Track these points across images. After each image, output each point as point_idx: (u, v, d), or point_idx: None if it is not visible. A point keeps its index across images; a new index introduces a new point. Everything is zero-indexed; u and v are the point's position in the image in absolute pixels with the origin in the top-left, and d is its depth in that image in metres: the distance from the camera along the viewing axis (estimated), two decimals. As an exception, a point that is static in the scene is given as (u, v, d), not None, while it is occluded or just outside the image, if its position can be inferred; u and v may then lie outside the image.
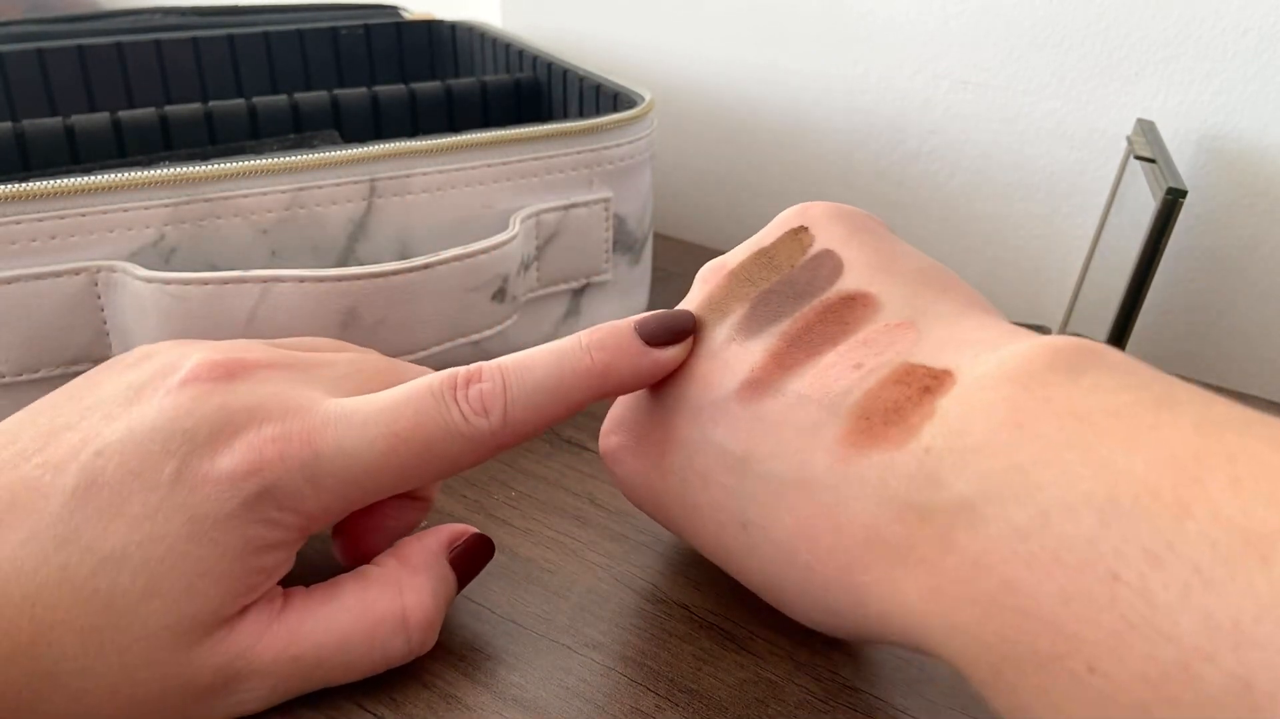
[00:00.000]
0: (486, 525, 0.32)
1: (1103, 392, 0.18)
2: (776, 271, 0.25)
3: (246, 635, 0.22)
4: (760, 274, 0.25)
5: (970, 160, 0.47)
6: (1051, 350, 0.19)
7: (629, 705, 0.25)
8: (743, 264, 0.26)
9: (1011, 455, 0.17)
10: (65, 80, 0.47)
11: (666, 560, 0.30)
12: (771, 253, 0.26)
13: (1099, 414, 0.17)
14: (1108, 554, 0.15)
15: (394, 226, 0.36)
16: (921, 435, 0.19)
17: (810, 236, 0.26)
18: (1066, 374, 0.18)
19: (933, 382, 0.20)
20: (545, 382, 0.24)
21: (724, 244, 0.57)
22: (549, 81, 0.47)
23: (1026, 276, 0.47)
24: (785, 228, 0.26)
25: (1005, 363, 0.19)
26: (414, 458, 0.23)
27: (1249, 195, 0.40)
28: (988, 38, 0.45)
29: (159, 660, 0.21)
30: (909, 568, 0.19)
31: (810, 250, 0.25)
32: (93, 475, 0.21)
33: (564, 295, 0.40)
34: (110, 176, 0.31)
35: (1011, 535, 0.17)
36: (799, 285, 0.25)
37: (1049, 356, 0.19)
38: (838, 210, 0.26)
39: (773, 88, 0.53)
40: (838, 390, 0.22)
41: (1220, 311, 0.42)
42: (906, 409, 0.20)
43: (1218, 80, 0.39)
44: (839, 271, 0.24)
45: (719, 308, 0.25)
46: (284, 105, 0.42)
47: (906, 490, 0.19)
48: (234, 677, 0.22)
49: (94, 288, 0.32)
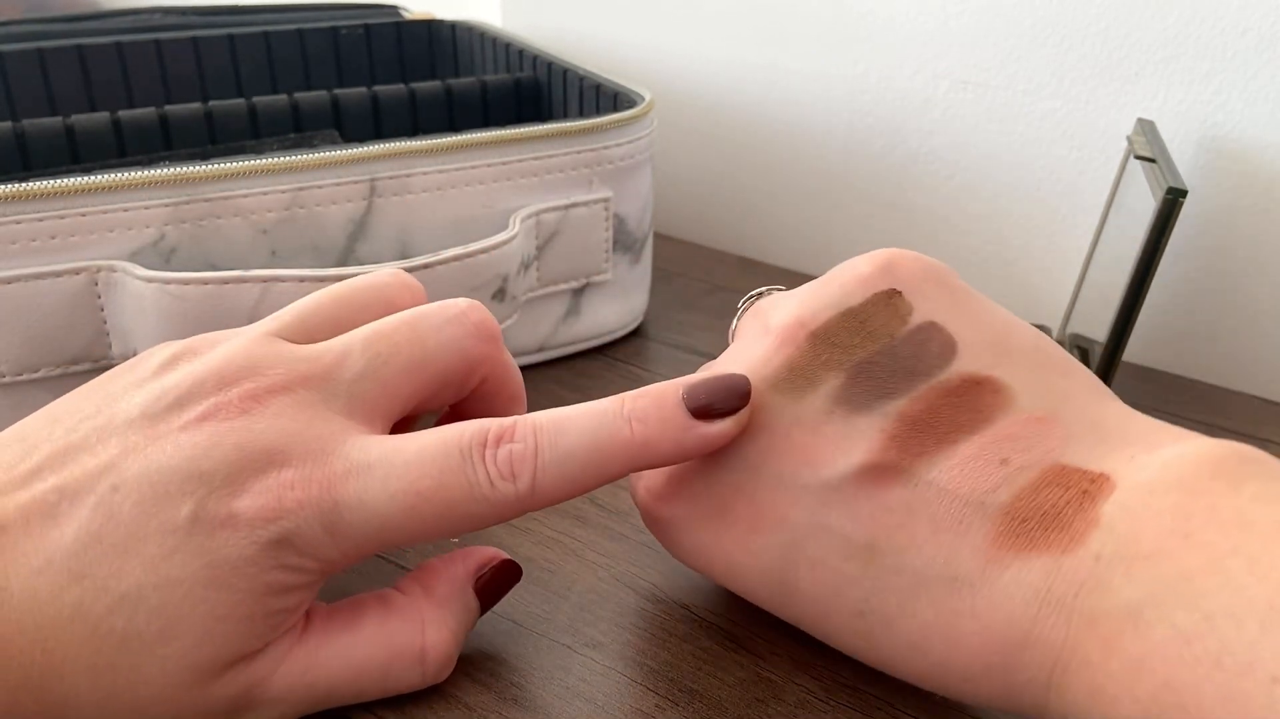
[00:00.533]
0: (486, 525, 0.32)
1: (1265, 501, 0.19)
2: (873, 340, 0.23)
3: (264, 666, 0.22)
4: (852, 340, 0.24)
5: (970, 160, 0.47)
6: (1214, 459, 0.20)
7: (629, 705, 0.25)
8: (829, 326, 0.24)
9: (1179, 563, 0.18)
10: (65, 80, 0.47)
11: (666, 560, 0.30)
12: (863, 316, 0.24)
13: (1264, 523, 0.18)
14: (1267, 659, 0.16)
15: (394, 226, 0.36)
16: (1090, 543, 0.20)
17: (907, 304, 0.24)
18: (1229, 483, 0.19)
19: (1091, 486, 0.21)
20: (578, 450, 0.22)
21: (724, 244, 0.57)
22: (549, 81, 0.47)
23: (1026, 276, 0.47)
24: (872, 287, 0.24)
25: (1170, 469, 0.20)
26: (434, 517, 0.22)
27: (1249, 195, 0.40)
28: (988, 38, 0.45)
29: (174, 697, 0.21)
30: (1071, 670, 0.19)
31: (911, 321, 0.24)
32: (109, 511, 0.21)
33: (564, 295, 0.40)
34: (110, 176, 0.31)
35: (1176, 639, 0.17)
36: (906, 360, 0.23)
37: (1213, 465, 0.20)
38: (928, 270, 0.25)
39: (773, 87, 0.53)
40: (985, 487, 0.21)
41: (1220, 311, 0.42)
42: (1068, 514, 0.20)
43: (1218, 80, 0.39)
44: (952, 350, 0.23)
45: (806, 375, 0.24)
46: (284, 105, 0.42)
47: (1074, 597, 0.19)
48: (248, 704, 0.22)
49: (94, 287, 0.32)
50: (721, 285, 0.50)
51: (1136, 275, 0.33)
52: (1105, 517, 0.20)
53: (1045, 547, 0.20)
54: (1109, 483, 0.20)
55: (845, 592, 0.23)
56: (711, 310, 0.47)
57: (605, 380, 0.40)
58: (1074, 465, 0.21)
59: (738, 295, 0.48)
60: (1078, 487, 0.21)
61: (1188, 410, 0.40)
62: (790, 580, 0.24)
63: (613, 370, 0.41)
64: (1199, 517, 0.19)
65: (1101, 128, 0.43)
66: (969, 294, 0.25)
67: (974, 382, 0.23)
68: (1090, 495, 0.20)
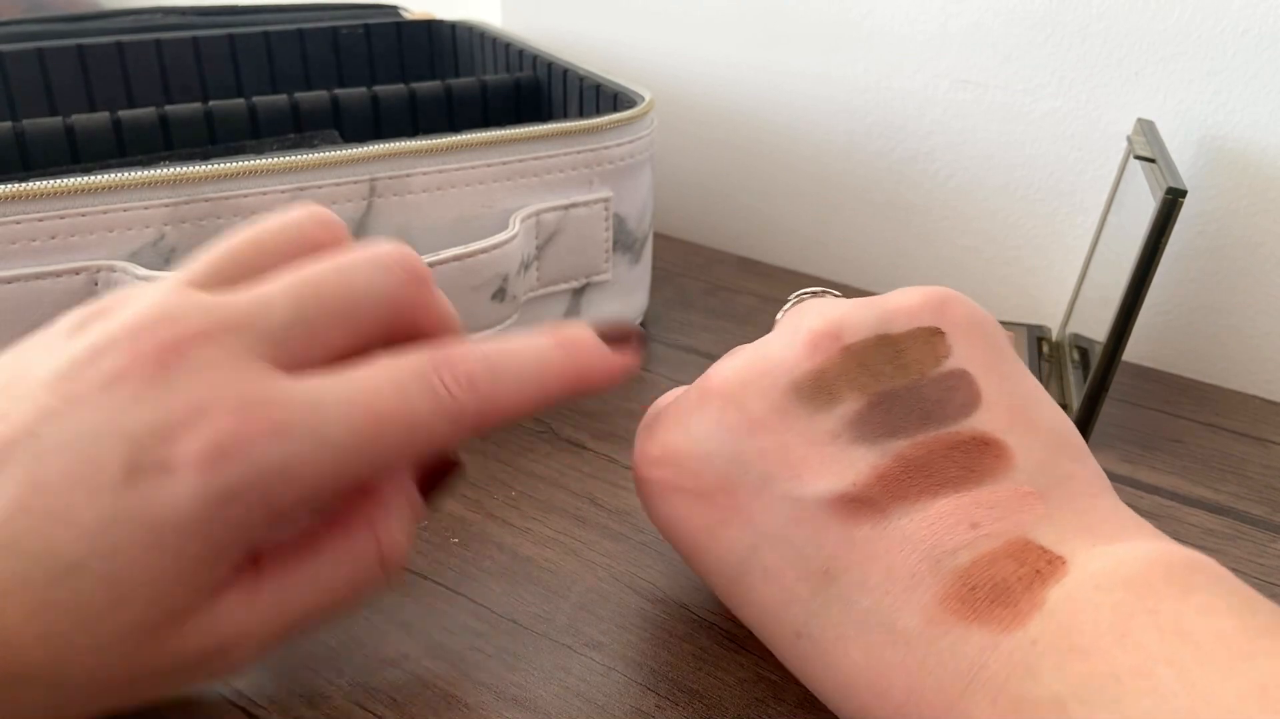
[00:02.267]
0: (486, 525, 0.32)
1: (1209, 614, 0.18)
2: (903, 373, 0.23)
3: (227, 615, 0.21)
4: (883, 367, 0.23)
5: (970, 160, 0.47)
6: (1169, 562, 0.20)
7: (629, 705, 0.25)
8: (863, 346, 0.23)
9: (1110, 662, 0.18)
10: (65, 80, 0.47)
11: (666, 560, 0.30)
12: (899, 346, 0.23)
13: (1202, 635, 0.18)
14: None
15: (394, 226, 0.36)
16: (1029, 627, 0.19)
17: (947, 346, 0.23)
18: (1179, 589, 0.19)
19: (1046, 566, 0.20)
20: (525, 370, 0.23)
21: (724, 244, 0.57)
22: (549, 81, 0.47)
23: (1026, 276, 0.47)
24: (917, 319, 0.24)
25: (1122, 566, 0.20)
26: (397, 440, 0.22)
27: (1249, 195, 0.40)
28: (987, 37, 0.45)
29: (136, 653, 0.20)
30: None
31: (945, 364, 0.23)
32: (34, 479, 0.20)
33: (564, 295, 0.40)
34: (110, 176, 0.31)
35: None
36: (927, 403, 0.23)
37: (1165, 569, 0.19)
38: (978, 321, 0.24)
39: (773, 87, 0.53)
40: (947, 547, 0.21)
41: (1220, 311, 0.42)
42: (1017, 592, 0.20)
43: (1218, 80, 0.39)
44: (974, 404, 0.23)
45: (828, 388, 0.23)
46: (284, 105, 0.42)
47: (1005, 677, 0.19)
48: (219, 650, 0.22)
49: (94, 288, 0.32)
50: (721, 285, 0.50)
51: (1136, 275, 0.33)
52: (1050, 601, 0.20)
53: (988, 620, 0.20)
54: (1064, 567, 0.20)
55: (790, 609, 0.23)
56: (711, 310, 0.47)
57: (605, 380, 0.40)
58: (1037, 543, 0.21)
59: (738, 295, 0.48)
60: (1032, 565, 0.20)
61: (1188, 410, 0.40)
62: (744, 582, 0.24)
63: (613, 370, 0.41)
64: (1139, 618, 0.18)
65: (1101, 128, 0.43)
66: (1010, 355, 0.24)
67: (983, 441, 0.22)
68: (1042, 576, 0.20)
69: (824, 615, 0.22)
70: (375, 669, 0.26)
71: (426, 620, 0.28)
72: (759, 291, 0.49)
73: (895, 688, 0.21)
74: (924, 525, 0.21)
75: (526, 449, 0.36)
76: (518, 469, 0.35)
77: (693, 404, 0.25)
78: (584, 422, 0.37)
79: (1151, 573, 0.19)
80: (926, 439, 0.22)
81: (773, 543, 0.23)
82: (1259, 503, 0.34)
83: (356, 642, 0.27)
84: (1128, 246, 0.34)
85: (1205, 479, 0.35)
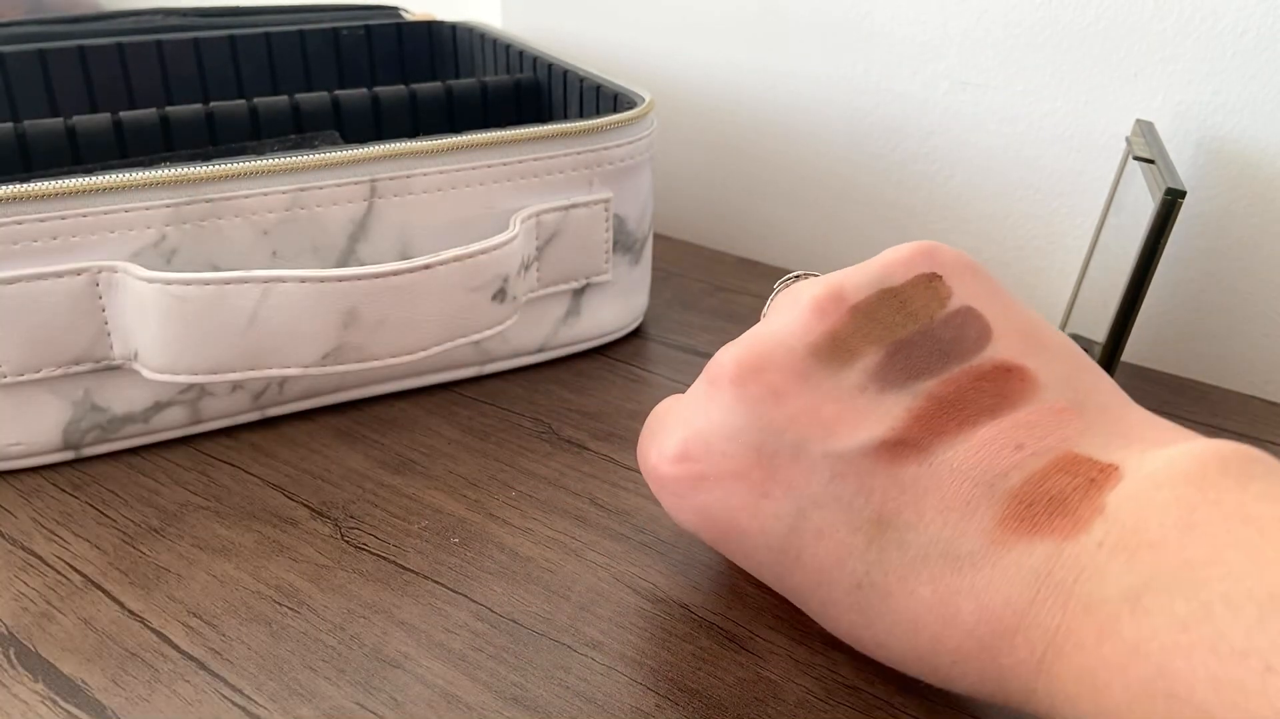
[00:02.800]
0: (487, 525, 0.32)
1: (1269, 500, 0.19)
2: (912, 320, 0.24)
3: None
4: (892, 318, 0.24)
5: (969, 161, 0.47)
6: (1221, 456, 0.20)
7: (629, 705, 0.25)
8: (869, 302, 0.24)
9: (1181, 553, 0.18)
10: (67, 81, 0.47)
11: (666, 560, 0.30)
12: (903, 296, 0.24)
13: (1266, 519, 0.18)
14: (1264, 647, 0.16)
15: (394, 227, 0.36)
16: (1093, 530, 0.20)
17: (947, 288, 0.24)
18: (1236, 480, 0.19)
19: (1099, 474, 0.21)
20: None
21: (724, 244, 0.57)
22: (549, 82, 0.47)
23: (1026, 277, 0.47)
24: (913, 269, 0.24)
25: (1176, 464, 0.20)
26: None
27: (1248, 195, 0.40)
28: (987, 38, 0.45)
29: None
30: (1063, 654, 0.19)
31: (950, 304, 0.24)
32: None
33: (564, 295, 0.41)
34: (111, 177, 0.31)
35: (1173, 626, 0.18)
36: (943, 342, 0.23)
37: (1220, 462, 0.20)
38: (969, 261, 0.25)
39: (773, 88, 0.53)
40: (997, 470, 0.22)
41: (1219, 312, 0.42)
42: (1074, 501, 0.21)
43: (1216, 81, 0.39)
44: (987, 336, 0.23)
45: (844, 346, 0.24)
46: (285, 106, 0.42)
47: (1074, 582, 0.20)
48: None
49: (95, 288, 0.32)
50: (721, 285, 0.50)
51: (1135, 276, 0.33)
52: (1110, 505, 0.20)
53: (1049, 531, 0.20)
54: (1116, 473, 0.21)
55: (847, 563, 0.23)
56: (711, 310, 0.47)
57: (605, 381, 0.40)
58: (1085, 455, 0.21)
59: (738, 295, 0.48)
60: (1085, 475, 0.21)
61: (1187, 410, 0.40)
62: (793, 549, 0.24)
63: (613, 371, 0.41)
64: (1203, 509, 0.19)
65: (1100, 128, 0.43)
66: (1002, 288, 0.25)
67: (1005, 368, 0.23)
68: (1097, 484, 0.21)
69: (883, 561, 0.22)
70: (375, 669, 0.26)
71: (426, 620, 0.28)
72: (759, 292, 0.49)
73: (964, 612, 0.21)
74: (970, 455, 0.22)
75: (527, 449, 0.36)
76: (518, 469, 0.35)
77: (704, 394, 0.25)
78: (584, 422, 0.37)
79: (1207, 467, 0.20)
80: (952, 375, 0.23)
81: (819, 503, 0.23)
82: (1258, 503, 0.34)
83: (356, 641, 0.27)
84: (1127, 247, 0.34)
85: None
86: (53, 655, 0.26)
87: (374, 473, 0.34)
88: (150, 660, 0.26)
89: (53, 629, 0.27)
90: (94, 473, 0.34)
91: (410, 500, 0.33)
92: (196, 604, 0.28)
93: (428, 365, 0.39)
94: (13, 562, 0.30)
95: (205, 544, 0.31)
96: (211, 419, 0.36)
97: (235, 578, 0.29)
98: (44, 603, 0.28)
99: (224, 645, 0.27)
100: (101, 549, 0.30)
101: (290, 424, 0.37)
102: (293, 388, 0.37)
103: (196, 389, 0.35)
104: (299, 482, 0.34)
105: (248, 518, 0.32)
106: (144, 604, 0.28)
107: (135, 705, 0.25)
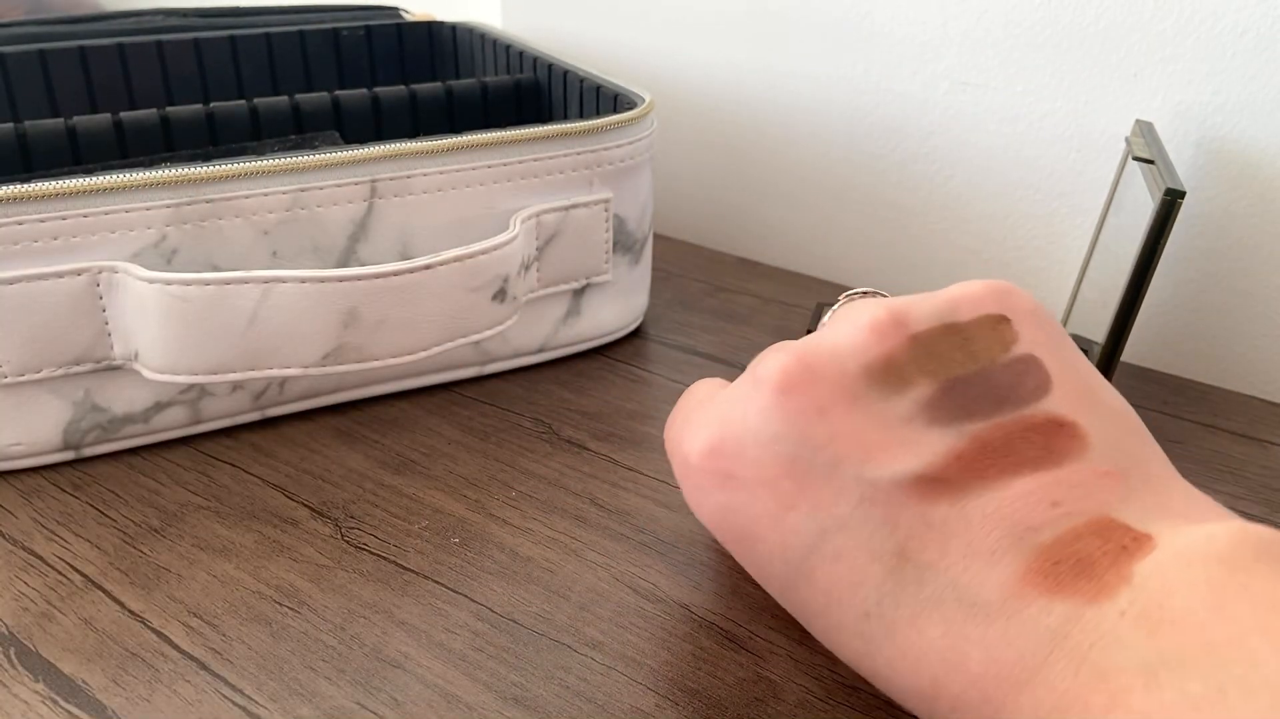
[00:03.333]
0: (487, 525, 0.32)
1: None
2: (973, 360, 0.23)
3: None
4: (952, 354, 0.23)
5: (969, 161, 0.47)
6: (1257, 540, 0.20)
7: (629, 705, 0.25)
8: (931, 334, 0.24)
9: (1204, 633, 0.18)
10: (67, 81, 0.47)
11: (666, 560, 0.30)
12: (966, 334, 0.24)
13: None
14: None
15: (395, 227, 0.36)
16: (1118, 598, 0.19)
17: (1013, 332, 0.24)
18: (1269, 565, 0.19)
19: (1132, 543, 0.20)
20: None
21: (724, 244, 0.57)
22: (549, 82, 0.47)
23: (1025, 277, 0.47)
24: (981, 308, 0.24)
25: (1210, 542, 0.20)
26: None
27: (1248, 195, 0.40)
28: (987, 38, 0.45)
29: None
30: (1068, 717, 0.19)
31: (1013, 350, 0.23)
32: None
33: (564, 296, 0.41)
34: (112, 177, 0.31)
35: (1184, 703, 0.17)
36: (1000, 388, 0.23)
37: (1255, 546, 0.20)
38: (1040, 308, 0.25)
39: (772, 89, 0.53)
40: (1029, 524, 0.21)
41: (1220, 311, 0.42)
42: (1102, 566, 0.20)
43: (1216, 81, 0.39)
44: (1045, 388, 0.23)
45: (898, 373, 0.23)
46: (285, 106, 0.42)
47: (1090, 647, 0.19)
48: None
49: (95, 288, 0.32)
50: (721, 285, 0.50)
51: (1135, 276, 0.33)
52: (1138, 575, 0.20)
53: (1072, 593, 0.20)
54: (1150, 544, 0.20)
55: (860, 590, 0.23)
56: (711, 310, 0.47)
57: (605, 381, 0.41)
58: (1121, 521, 0.21)
59: (738, 295, 0.48)
60: (1118, 541, 0.21)
61: (1187, 411, 0.40)
62: (808, 567, 0.23)
63: (613, 371, 0.41)
64: (1231, 591, 0.19)
65: (1100, 129, 0.43)
66: (1069, 341, 0.25)
67: (1057, 423, 0.23)
68: (1128, 552, 0.20)
69: (897, 594, 0.22)
70: (375, 669, 0.26)
71: (426, 620, 0.28)
72: (759, 292, 0.49)
73: (972, 660, 0.21)
74: (1004, 504, 0.22)
75: (527, 449, 0.36)
76: (518, 469, 0.35)
77: (746, 393, 0.24)
78: (584, 422, 0.37)
79: (1241, 549, 0.19)
80: (1002, 421, 0.23)
81: (843, 526, 0.23)
82: (1258, 503, 0.34)
83: (357, 641, 0.27)
84: (1126, 248, 0.35)
85: (1204, 480, 0.35)
86: (53, 655, 0.26)
87: (374, 473, 0.34)
88: (151, 660, 0.26)
89: (53, 629, 0.27)
90: (94, 473, 0.34)
91: (410, 500, 0.33)
92: (197, 604, 0.28)
93: (428, 365, 0.39)
94: (13, 562, 0.30)
95: (205, 544, 0.31)
96: (212, 419, 0.36)
97: (235, 578, 0.29)
98: (44, 603, 0.28)
99: (224, 645, 0.27)
100: (102, 549, 0.30)
101: (290, 424, 0.37)
102: (293, 388, 0.37)
103: (197, 389, 0.35)
104: (299, 482, 0.34)
105: (248, 518, 0.32)
106: (144, 604, 0.28)
107: (136, 705, 0.25)
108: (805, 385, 0.23)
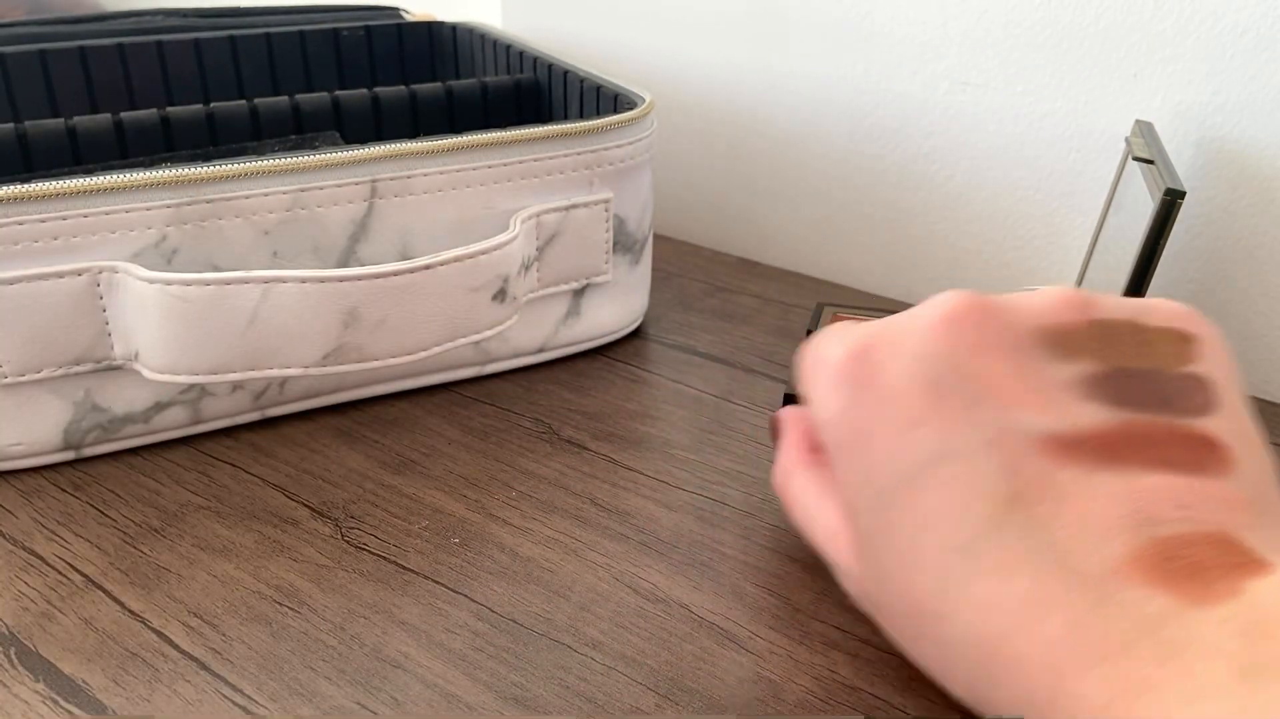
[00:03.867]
0: (487, 525, 0.32)
1: None
2: (1149, 360, 0.24)
3: None
4: (1128, 348, 0.24)
5: (969, 161, 0.47)
6: None
7: (629, 705, 0.25)
8: (1114, 324, 0.24)
9: None
10: (67, 81, 0.47)
11: (666, 560, 0.30)
12: (1148, 337, 0.24)
13: None
14: None
15: (395, 227, 0.36)
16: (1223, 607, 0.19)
17: (1196, 353, 0.24)
18: None
19: (1249, 563, 0.20)
20: None
21: (724, 244, 0.57)
22: (549, 82, 0.47)
23: (1026, 277, 0.47)
24: (1171, 322, 0.24)
25: None
26: None
27: (1247, 196, 0.40)
28: (987, 39, 0.45)
29: None
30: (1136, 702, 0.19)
31: (1190, 367, 0.24)
32: None
33: (564, 296, 0.41)
34: (112, 177, 0.31)
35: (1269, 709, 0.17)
36: (1166, 392, 0.23)
37: None
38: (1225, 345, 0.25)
39: (772, 89, 0.53)
40: (1151, 515, 0.21)
41: (1219, 312, 0.42)
42: (1213, 575, 0.20)
43: (1216, 81, 0.39)
44: (1210, 409, 0.23)
45: (1071, 345, 0.24)
46: (285, 106, 0.42)
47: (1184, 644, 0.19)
48: None
49: (96, 288, 0.32)
50: (721, 285, 0.50)
51: (1135, 276, 0.33)
52: (1249, 591, 0.19)
53: (1177, 590, 0.20)
54: (1267, 568, 0.20)
55: (960, 524, 0.22)
56: (711, 310, 0.47)
57: (605, 381, 0.41)
58: (1242, 543, 0.21)
59: (738, 295, 0.48)
60: (1235, 558, 0.20)
61: (1187, 411, 0.40)
62: (916, 485, 0.23)
63: (613, 371, 0.41)
64: None
65: (1100, 129, 0.43)
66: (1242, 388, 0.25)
67: (1210, 442, 0.22)
68: (1242, 569, 0.20)
69: (994, 537, 0.22)
70: (375, 669, 0.26)
71: (427, 620, 0.28)
72: (759, 292, 0.49)
73: (1054, 621, 0.20)
74: (1133, 490, 0.21)
75: (527, 449, 0.36)
76: (518, 469, 0.35)
77: (912, 315, 0.24)
78: (584, 422, 0.38)
79: None
80: (1159, 420, 0.23)
81: (963, 456, 0.22)
82: (1257, 503, 0.34)
83: (357, 641, 0.27)
84: (1127, 248, 0.35)
85: (1204, 479, 0.35)
86: (53, 655, 0.26)
87: (374, 473, 0.34)
88: (151, 660, 0.26)
89: (53, 629, 0.27)
90: (94, 473, 0.34)
91: (410, 500, 0.33)
92: (197, 604, 0.28)
93: (428, 365, 0.39)
94: (13, 562, 0.30)
95: (206, 544, 0.31)
96: (212, 419, 0.36)
97: (236, 578, 0.29)
98: (45, 603, 0.28)
99: (224, 645, 0.27)
100: (102, 549, 0.30)
101: (290, 424, 0.37)
102: (293, 388, 0.37)
103: (197, 389, 0.35)
104: (299, 482, 0.34)
105: (248, 518, 0.32)
106: (144, 604, 0.28)
107: (136, 705, 0.25)
108: (975, 322, 0.24)
